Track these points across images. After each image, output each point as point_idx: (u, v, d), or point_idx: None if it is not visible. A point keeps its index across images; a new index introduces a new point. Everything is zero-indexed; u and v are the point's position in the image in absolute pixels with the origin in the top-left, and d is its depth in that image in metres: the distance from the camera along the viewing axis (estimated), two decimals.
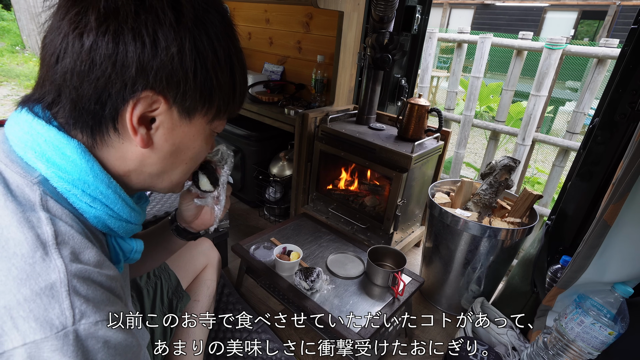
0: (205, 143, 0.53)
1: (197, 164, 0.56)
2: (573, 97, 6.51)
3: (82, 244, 0.42)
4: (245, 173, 2.04)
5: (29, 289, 0.36)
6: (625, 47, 1.04)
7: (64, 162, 0.43)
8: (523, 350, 1.09)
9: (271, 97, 1.88)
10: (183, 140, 0.49)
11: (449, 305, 1.44)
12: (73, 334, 0.36)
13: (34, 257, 0.37)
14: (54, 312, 0.36)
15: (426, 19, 1.68)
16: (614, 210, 0.84)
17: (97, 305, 0.39)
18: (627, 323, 0.86)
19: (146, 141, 0.46)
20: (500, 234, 1.20)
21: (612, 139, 1.08)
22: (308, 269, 1.17)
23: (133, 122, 0.43)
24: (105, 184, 0.46)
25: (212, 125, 0.51)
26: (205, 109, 0.48)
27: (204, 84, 0.45)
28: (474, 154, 4.82)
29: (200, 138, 0.51)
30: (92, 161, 0.45)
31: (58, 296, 0.36)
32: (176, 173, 0.53)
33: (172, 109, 0.45)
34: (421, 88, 2.27)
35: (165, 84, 0.43)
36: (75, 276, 0.38)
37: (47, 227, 0.39)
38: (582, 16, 10.08)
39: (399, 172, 1.35)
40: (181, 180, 0.56)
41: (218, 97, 0.48)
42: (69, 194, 0.44)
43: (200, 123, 0.49)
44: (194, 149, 0.51)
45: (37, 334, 0.35)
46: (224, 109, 0.50)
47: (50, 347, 0.35)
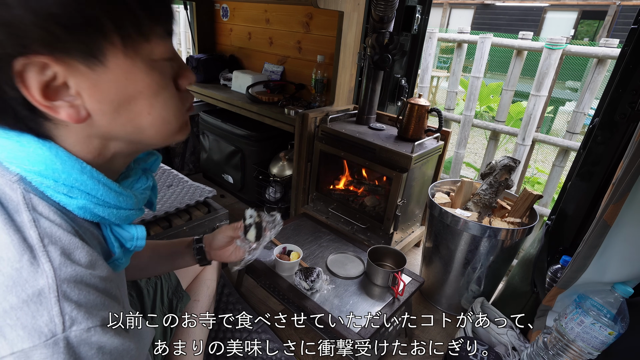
0: (152, 80, 0.41)
1: (169, 106, 0.44)
2: (573, 97, 6.52)
3: (72, 244, 0.39)
4: (245, 173, 2.04)
5: (15, 297, 0.34)
6: (625, 47, 1.04)
7: (25, 154, 0.39)
8: (523, 350, 1.09)
9: (271, 97, 1.88)
10: (119, 88, 0.40)
11: (449, 305, 1.44)
12: (63, 341, 0.35)
13: (20, 262, 0.35)
14: (43, 319, 0.34)
15: (426, 19, 1.68)
16: (614, 210, 0.84)
17: (89, 311, 0.37)
18: (627, 323, 0.86)
19: (75, 114, 0.39)
20: (500, 234, 1.20)
21: (612, 139, 1.08)
22: (308, 269, 1.17)
23: (40, 101, 0.37)
24: (77, 169, 0.42)
25: (142, 54, 0.40)
26: (107, 42, 0.37)
27: (60, 17, 0.34)
28: (474, 154, 4.82)
29: (138, 78, 0.40)
30: (54, 148, 0.40)
31: (47, 303, 0.35)
32: (147, 127, 0.44)
33: (68, 62, 0.36)
34: (421, 88, 2.27)
35: (18, 42, 0.34)
36: (65, 281, 0.36)
37: (32, 230, 0.37)
38: (582, 16, 10.08)
39: (399, 172, 1.35)
40: (169, 121, 0.45)
41: (101, 18, 0.36)
42: (45, 188, 0.41)
43: (121, 61, 0.38)
44: (141, 94, 0.41)
45: (25, 342, 0.34)
46: (130, 27, 0.38)
47: (39, 355, 0.34)
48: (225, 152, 2.09)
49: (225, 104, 2.02)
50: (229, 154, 2.06)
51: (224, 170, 2.16)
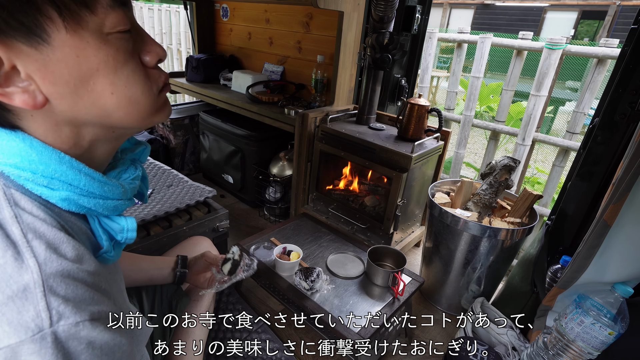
0: (107, 55, 0.39)
1: (135, 85, 0.42)
2: (573, 97, 6.52)
3: (57, 238, 0.38)
4: (245, 173, 2.04)
5: (0, 293, 0.34)
6: (625, 47, 1.04)
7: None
8: (523, 350, 1.09)
9: (271, 97, 1.88)
10: (71, 67, 0.37)
11: (449, 305, 1.44)
12: (51, 336, 0.34)
13: (4, 258, 0.35)
14: (29, 314, 0.34)
15: (426, 19, 1.68)
16: (614, 210, 0.84)
17: (77, 305, 0.36)
18: (627, 323, 0.86)
19: (31, 100, 0.37)
20: (500, 234, 1.20)
21: (612, 139, 1.08)
22: (308, 269, 1.17)
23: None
24: (55, 160, 0.40)
25: (89, 28, 0.37)
26: (45, 18, 0.35)
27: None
28: (474, 154, 4.82)
29: (89, 51, 0.37)
30: (28, 139, 0.39)
31: (32, 298, 0.34)
32: (119, 98, 0.41)
33: (9, 44, 0.34)
34: (421, 88, 2.27)
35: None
36: (51, 275, 0.36)
37: (14, 226, 0.37)
38: (582, 16, 10.08)
39: (399, 172, 1.35)
40: (137, 100, 0.43)
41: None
42: (24, 181, 0.40)
43: (65, 37, 0.36)
44: (99, 66, 0.39)
45: (12, 338, 0.33)
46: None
47: (27, 350, 0.33)
48: (225, 152, 2.09)
49: (225, 104, 2.02)
50: (229, 154, 2.06)
51: (224, 170, 2.16)
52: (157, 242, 1.22)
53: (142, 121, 0.45)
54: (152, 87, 0.44)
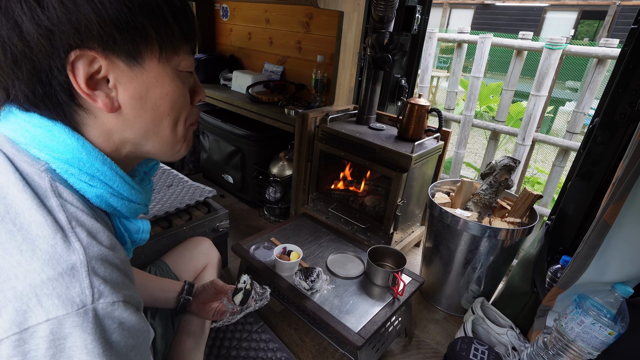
0: (176, 86, 0.49)
1: (183, 113, 0.53)
2: (573, 97, 6.52)
3: (95, 227, 0.43)
4: (245, 173, 2.04)
5: (52, 269, 0.37)
6: (625, 47, 1.04)
7: (55, 143, 0.44)
8: (523, 350, 1.09)
9: (271, 97, 1.88)
10: (148, 90, 0.47)
11: (449, 305, 1.44)
12: (92, 312, 0.38)
13: (55, 239, 0.39)
14: (75, 290, 0.37)
15: (426, 19, 1.68)
16: (614, 210, 0.84)
17: (114, 287, 0.40)
18: (627, 323, 0.86)
19: (110, 104, 0.45)
20: (500, 234, 1.20)
21: (612, 139, 1.08)
22: (308, 269, 1.17)
23: (83, 89, 0.42)
24: (99, 160, 0.47)
25: (171, 64, 0.48)
26: (147, 48, 0.45)
27: (117, 20, 0.41)
28: (474, 154, 4.82)
29: (165, 82, 0.48)
30: (81, 139, 0.45)
31: (79, 276, 0.38)
32: (163, 128, 0.51)
33: (113, 59, 0.43)
34: (421, 88, 2.27)
35: (78, 36, 0.40)
36: (93, 258, 0.40)
37: (60, 214, 0.41)
38: (582, 16, 10.09)
39: (399, 172, 1.35)
40: (172, 135, 0.52)
41: (147, 27, 0.44)
42: (68, 175, 0.45)
43: (155, 66, 0.46)
44: (166, 96, 0.49)
45: (60, 310, 0.36)
46: (167, 39, 0.46)
47: (71, 323, 0.36)
48: (225, 152, 2.09)
49: (225, 104, 2.02)
50: (229, 154, 2.06)
51: (224, 170, 2.16)
52: (157, 242, 1.22)
53: (169, 149, 0.54)
54: (189, 118, 0.55)
